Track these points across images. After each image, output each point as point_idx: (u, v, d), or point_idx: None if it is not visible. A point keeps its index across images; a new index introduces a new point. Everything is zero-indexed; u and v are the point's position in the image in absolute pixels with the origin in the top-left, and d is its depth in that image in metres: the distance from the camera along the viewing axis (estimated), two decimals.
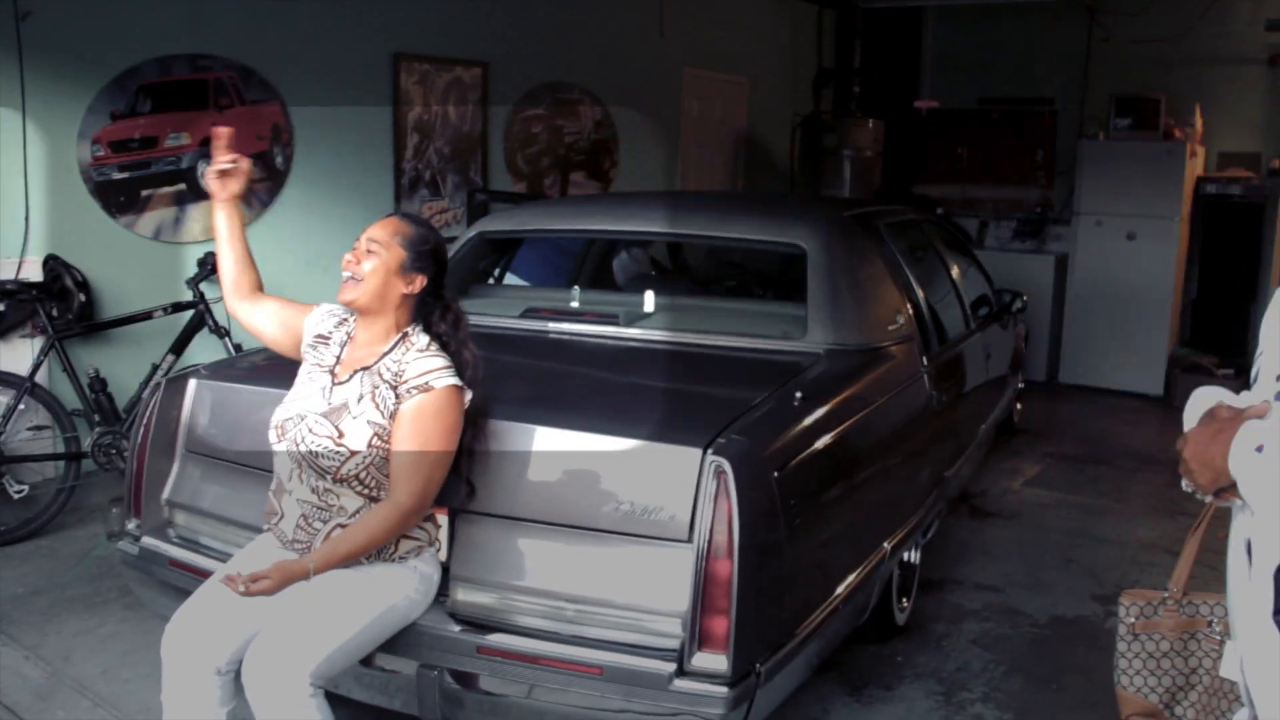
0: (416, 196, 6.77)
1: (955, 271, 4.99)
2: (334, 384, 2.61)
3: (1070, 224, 8.21)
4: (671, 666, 2.48)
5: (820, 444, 2.93)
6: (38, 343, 4.92)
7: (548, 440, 2.70)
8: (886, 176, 9.59)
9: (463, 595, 2.71)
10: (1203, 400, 1.68)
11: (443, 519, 2.71)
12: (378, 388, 2.54)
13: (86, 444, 4.86)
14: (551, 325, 3.76)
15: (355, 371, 2.59)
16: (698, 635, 2.48)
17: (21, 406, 4.68)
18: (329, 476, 2.52)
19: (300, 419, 2.57)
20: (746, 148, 9.79)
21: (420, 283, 2.60)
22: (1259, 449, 1.48)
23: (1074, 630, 4.02)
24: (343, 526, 2.53)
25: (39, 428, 4.84)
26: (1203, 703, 2.18)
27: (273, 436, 2.62)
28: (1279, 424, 1.52)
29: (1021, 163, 9.03)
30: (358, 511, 2.53)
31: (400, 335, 2.61)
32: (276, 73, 5.86)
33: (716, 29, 9.01)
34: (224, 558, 2.89)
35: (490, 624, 2.67)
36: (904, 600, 3.87)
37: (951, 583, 4.38)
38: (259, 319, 2.81)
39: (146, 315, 5.16)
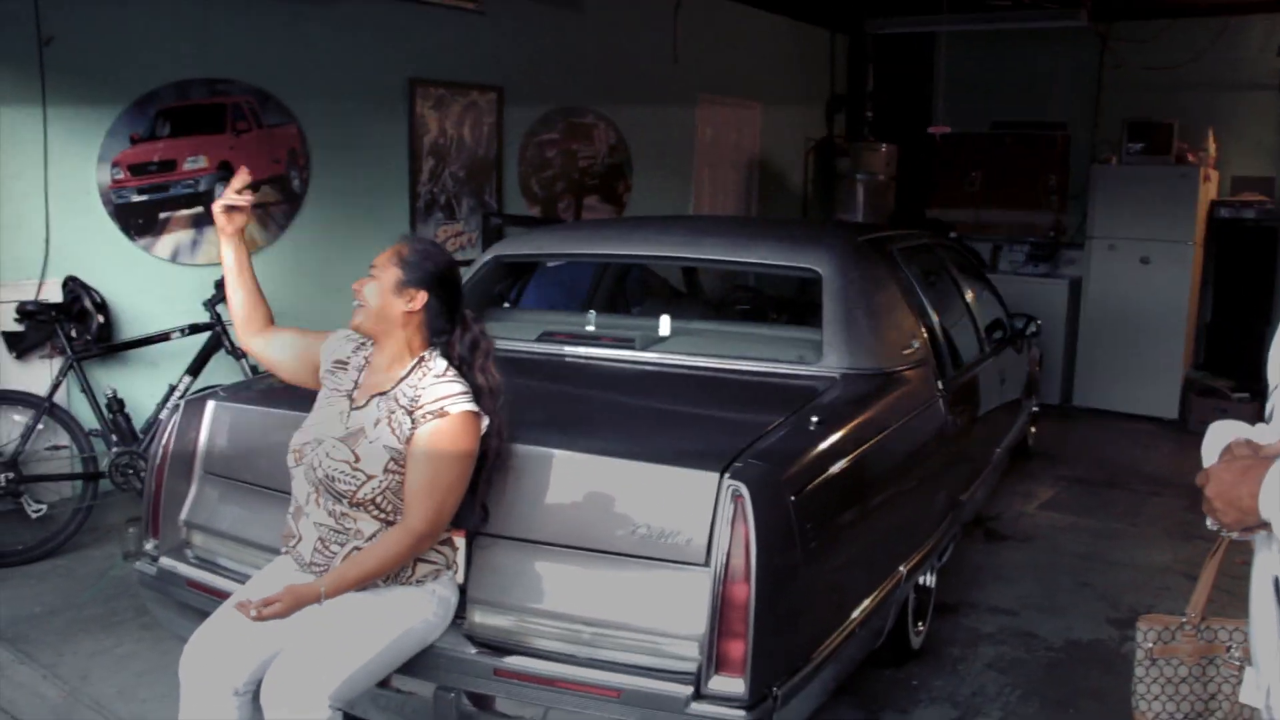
0: (432, 220, 6.81)
1: (969, 296, 5.00)
2: (352, 408, 2.62)
3: (1083, 248, 8.23)
4: (688, 690, 2.48)
5: (836, 468, 2.94)
6: (56, 363, 4.97)
7: (565, 464, 2.71)
8: (900, 201, 9.60)
9: (480, 618, 2.72)
10: (1220, 435, 1.67)
11: (460, 542, 2.72)
12: (394, 413, 2.55)
13: (104, 464, 4.90)
14: (568, 349, 3.78)
15: (372, 396, 2.61)
16: (714, 659, 2.48)
17: (40, 426, 4.72)
18: (345, 500, 2.54)
19: (318, 443, 2.59)
20: (760, 172, 9.82)
21: (421, 299, 2.60)
22: None
23: (1089, 654, 4.01)
24: (359, 550, 2.53)
25: (57, 447, 4.88)
26: None
27: (290, 460, 2.64)
28: None
29: (1034, 187, 9.01)
30: (374, 535, 2.54)
31: (417, 360, 2.63)
32: (293, 97, 5.91)
33: (730, 54, 9.06)
34: (241, 579, 2.90)
35: (507, 647, 2.68)
36: (919, 624, 3.87)
37: (966, 606, 4.37)
38: (274, 352, 2.84)
39: (164, 336, 5.21)
